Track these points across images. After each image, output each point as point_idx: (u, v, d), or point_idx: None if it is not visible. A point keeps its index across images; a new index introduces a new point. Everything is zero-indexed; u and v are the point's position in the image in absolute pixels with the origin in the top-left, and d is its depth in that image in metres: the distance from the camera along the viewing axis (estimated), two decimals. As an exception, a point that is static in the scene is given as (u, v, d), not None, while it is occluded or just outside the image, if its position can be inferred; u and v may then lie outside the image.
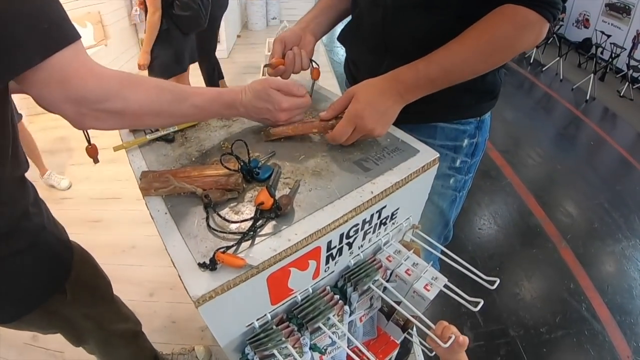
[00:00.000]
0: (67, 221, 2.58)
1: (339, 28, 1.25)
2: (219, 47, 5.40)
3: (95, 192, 2.97)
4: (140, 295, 2.15)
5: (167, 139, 0.97)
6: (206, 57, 3.75)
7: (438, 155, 0.88)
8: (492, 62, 0.85)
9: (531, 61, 6.93)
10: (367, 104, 0.83)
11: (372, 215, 0.80)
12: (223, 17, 5.18)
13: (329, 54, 6.08)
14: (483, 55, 0.83)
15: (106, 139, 0.93)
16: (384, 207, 0.81)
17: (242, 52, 5.84)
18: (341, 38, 1.18)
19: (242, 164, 0.77)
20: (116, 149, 0.98)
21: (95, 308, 1.21)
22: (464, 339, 0.79)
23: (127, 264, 2.35)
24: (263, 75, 3.37)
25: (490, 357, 2.12)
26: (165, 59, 2.76)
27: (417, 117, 1.04)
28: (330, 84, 4.64)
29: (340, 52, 6.41)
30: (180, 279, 0.62)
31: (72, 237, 2.48)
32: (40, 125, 3.83)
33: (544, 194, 3.47)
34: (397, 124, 1.05)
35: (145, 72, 2.78)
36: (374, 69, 1.02)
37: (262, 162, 0.85)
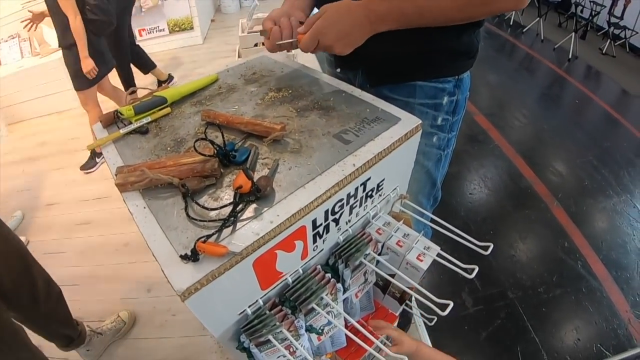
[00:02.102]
0: (58, 227, 2.55)
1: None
2: (192, 33, 5.31)
3: (82, 194, 2.93)
4: (138, 292, 2.14)
5: (141, 131, 0.94)
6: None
7: (420, 122, 0.85)
8: (468, 13, 0.84)
9: (511, 23, 6.87)
10: (332, 22, 0.85)
11: (356, 189, 0.78)
12: (195, 4, 5.09)
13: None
14: (459, 3, 0.82)
15: (86, 140, 0.90)
16: (369, 179, 0.79)
17: (216, 36, 5.70)
18: (317, 3, 1.15)
19: (217, 148, 0.74)
20: (90, 147, 0.95)
21: None
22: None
23: (121, 263, 2.33)
24: (239, 57, 3.29)
25: (490, 320, 2.14)
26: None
27: (395, 77, 1.06)
28: (308, 59, 4.55)
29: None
30: (164, 274, 0.60)
31: (64, 242, 2.46)
32: (20, 133, 3.76)
33: (532, 154, 3.48)
34: (376, 85, 1.05)
35: (94, 78, 2.70)
36: None
37: (238, 144, 0.82)
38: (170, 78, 4.12)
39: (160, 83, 4.05)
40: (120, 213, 2.67)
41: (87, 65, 2.56)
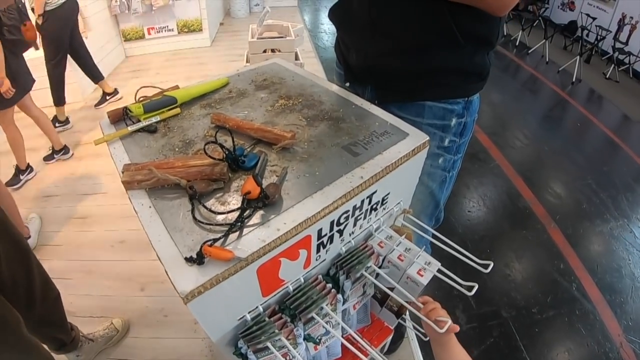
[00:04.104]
0: (54, 219, 2.54)
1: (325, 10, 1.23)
2: (201, 35, 5.34)
3: (81, 188, 2.91)
4: (131, 290, 2.12)
5: (150, 130, 0.94)
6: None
7: (428, 138, 0.86)
8: None
9: (517, 44, 6.92)
10: None
11: (362, 201, 0.78)
12: (205, 6, 5.13)
13: (314, 40, 6.01)
14: None
15: (88, 134, 0.90)
16: (375, 192, 0.80)
17: (225, 40, 5.75)
18: (331, 14, 1.16)
19: (226, 152, 0.74)
20: (97, 142, 0.94)
21: None
22: (454, 327, 0.80)
23: (116, 260, 2.32)
24: (247, 62, 3.30)
25: (483, 338, 2.13)
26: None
27: (405, 95, 1.05)
28: (316, 69, 4.60)
29: (325, 37, 6.35)
30: (167, 275, 0.60)
31: (59, 234, 2.45)
32: (21, 123, 3.73)
33: (532, 175, 3.49)
34: (385, 102, 1.05)
35: (12, 99, 2.63)
36: (363, 49, 1.02)
37: (248, 149, 0.82)
38: (115, 92, 4.04)
39: (104, 95, 3.99)
40: (117, 210, 2.66)
41: (5, 85, 2.51)
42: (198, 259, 0.59)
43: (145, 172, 0.74)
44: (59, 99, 3.55)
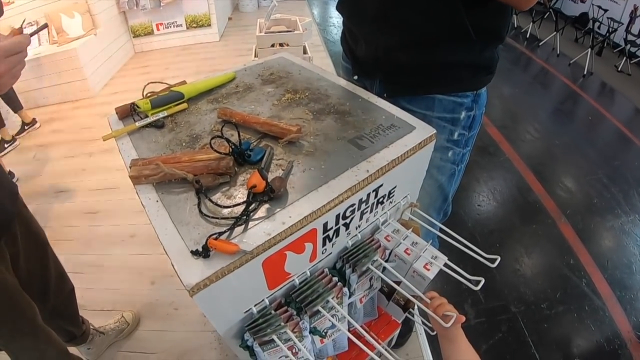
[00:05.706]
0: (65, 214, 2.56)
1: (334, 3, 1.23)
2: (209, 30, 5.35)
3: (91, 184, 2.95)
4: (141, 284, 2.15)
5: (157, 125, 0.95)
6: None
7: (435, 131, 0.86)
8: None
9: (527, 36, 6.83)
10: None
11: (368, 195, 0.78)
12: (213, 1, 5.12)
13: (323, 33, 5.98)
14: None
15: (98, 130, 0.91)
16: (381, 185, 0.80)
17: (233, 35, 5.75)
18: (339, 6, 1.15)
19: (233, 146, 0.74)
20: (105, 137, 0.95)
21: None
22: (460, 318, 0.80)
23: (127, 254, 2.34)
24: (255, 56, 3.30)
25: (491, 333, 2.13)
26: None
27: (414, 88, 1.05)
28: (325, 63, 4.58)
29: (334, 30, 6.32)
30: (174, 268, 0.61)
31: (70, 229, 2.47)
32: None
33: (542, 169, 3.45)
34: (395, 95, 1.05)
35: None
36: (373, 41, 1.02)
37: (254, 144, 0.83)
38: (33, 122, 3.66)
39: (23, 125, 3.61)
40: (128, 204, 2.69)
41: None
42: (204, 252, 0.60)
43: (152, 167, 0.75)
44: (14, 107, 3.46)
